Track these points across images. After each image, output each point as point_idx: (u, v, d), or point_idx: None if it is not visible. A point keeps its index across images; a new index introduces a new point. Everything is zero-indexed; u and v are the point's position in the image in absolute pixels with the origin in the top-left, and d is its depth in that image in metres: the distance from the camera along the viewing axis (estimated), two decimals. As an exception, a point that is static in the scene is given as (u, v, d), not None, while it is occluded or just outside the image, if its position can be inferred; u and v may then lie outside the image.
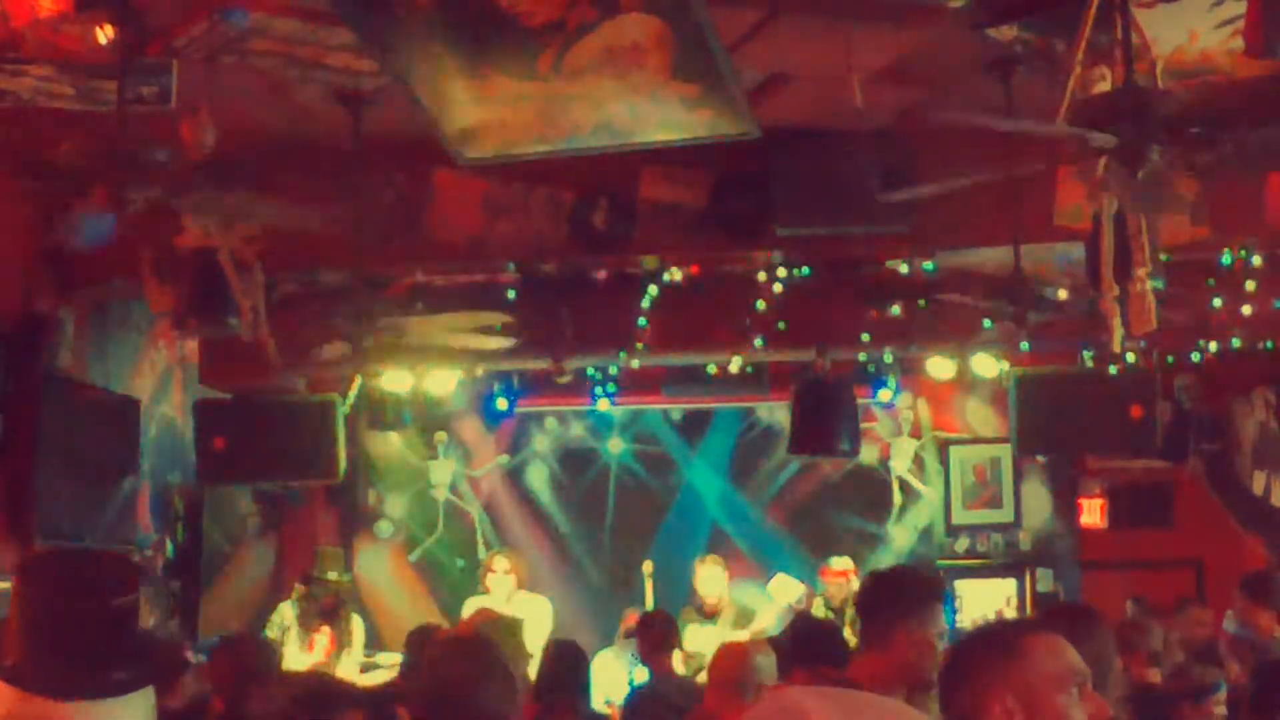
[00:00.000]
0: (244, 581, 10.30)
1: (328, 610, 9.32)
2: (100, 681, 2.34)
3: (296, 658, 8.90)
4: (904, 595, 3.95)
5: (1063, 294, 6.75)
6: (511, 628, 5.54)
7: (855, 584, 9.80)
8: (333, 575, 9.57)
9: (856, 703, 1.70)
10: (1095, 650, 3.36)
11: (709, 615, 9.40)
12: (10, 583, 2.43)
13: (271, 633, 9.07)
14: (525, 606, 9.27)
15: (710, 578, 9.54)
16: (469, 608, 9.39)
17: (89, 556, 2.88)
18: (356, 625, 9.58)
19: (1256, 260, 7.69)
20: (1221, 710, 5.14)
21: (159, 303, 7.25)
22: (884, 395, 10.06)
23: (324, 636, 9.22)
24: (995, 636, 2.68)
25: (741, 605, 9.69)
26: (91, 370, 7.95)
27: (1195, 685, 5.23)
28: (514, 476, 11.81)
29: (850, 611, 8.95)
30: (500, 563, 9.51)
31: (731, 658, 5.40)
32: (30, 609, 2.37)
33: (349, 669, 9.31)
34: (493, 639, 4.20)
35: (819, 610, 9.68)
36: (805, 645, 5.53)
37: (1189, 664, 5.88)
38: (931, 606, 3.94)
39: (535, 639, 8.23)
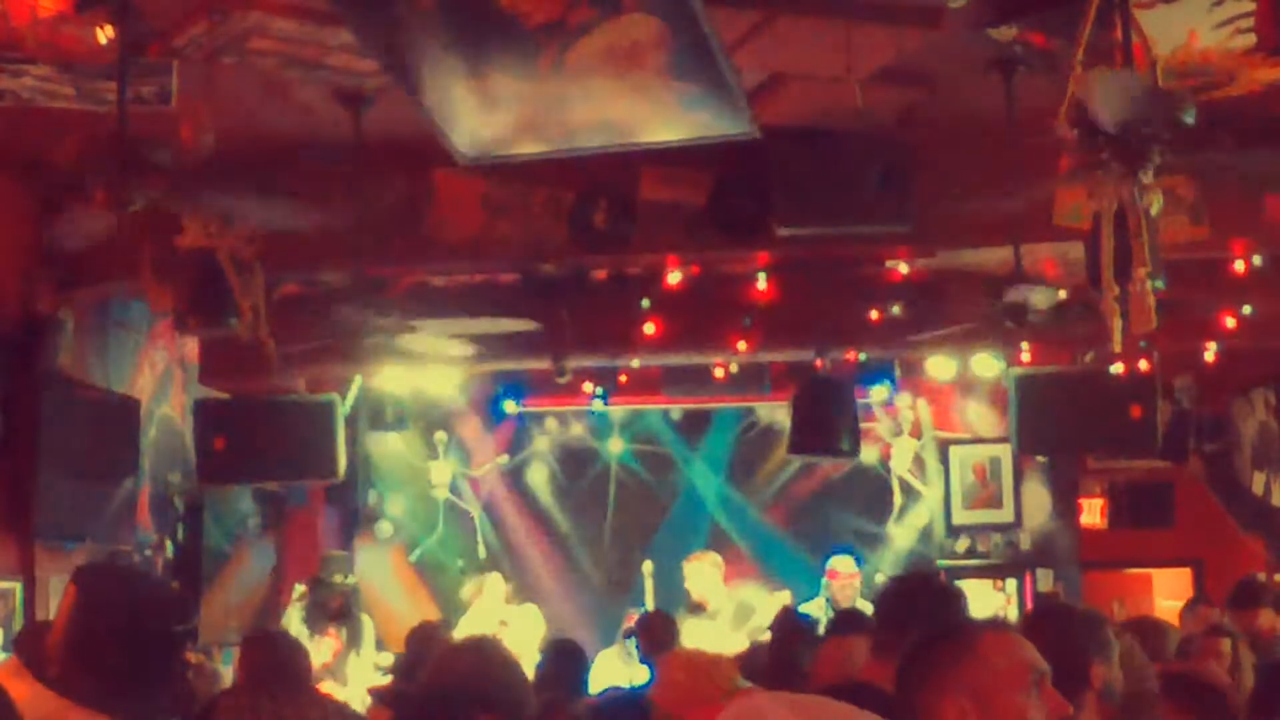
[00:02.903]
0: (244, 581, 10.29)
1: (336, 612, 9.33)
2: (149, 705, 2.31)
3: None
4: (934, 606, 3.91)
5: (1062, 294, 6.75)
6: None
7: (858, 585, 9.82)
8: (338, 578, 9.58)
9: (817, 708, 1.70)
10: (1072, 648, 3.35)
11: (704, 612, 9.41)
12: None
13: None
14: (514, 615, 9.31)
15: (699, 574, 9.55)
16: (463, 627, 9.42)
17: (147, 578, 2.86)
18: (367, 626, 9.60)
19: (1256, 260, 7.70)
20: None
21: (159, 303, 7.25)
22: (878, 393, 10.07)
23: (331, 639, 9.23)
24: (949, 637, 2.64)
25: (740, 602, 9.69)
26: (91, 370, 7.95)
27: None
28: (514, 476, 11.81)
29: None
30: (493, 587, 9.62)
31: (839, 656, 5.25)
32: (89, 622, 2.32)
33: (362, 670, 9.32)
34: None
35: (819, 611, 9.68)
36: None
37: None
38: (957, 619, 3.92)
39: (528, 646, 8.27)
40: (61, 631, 2.33)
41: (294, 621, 9.39)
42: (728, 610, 9.47)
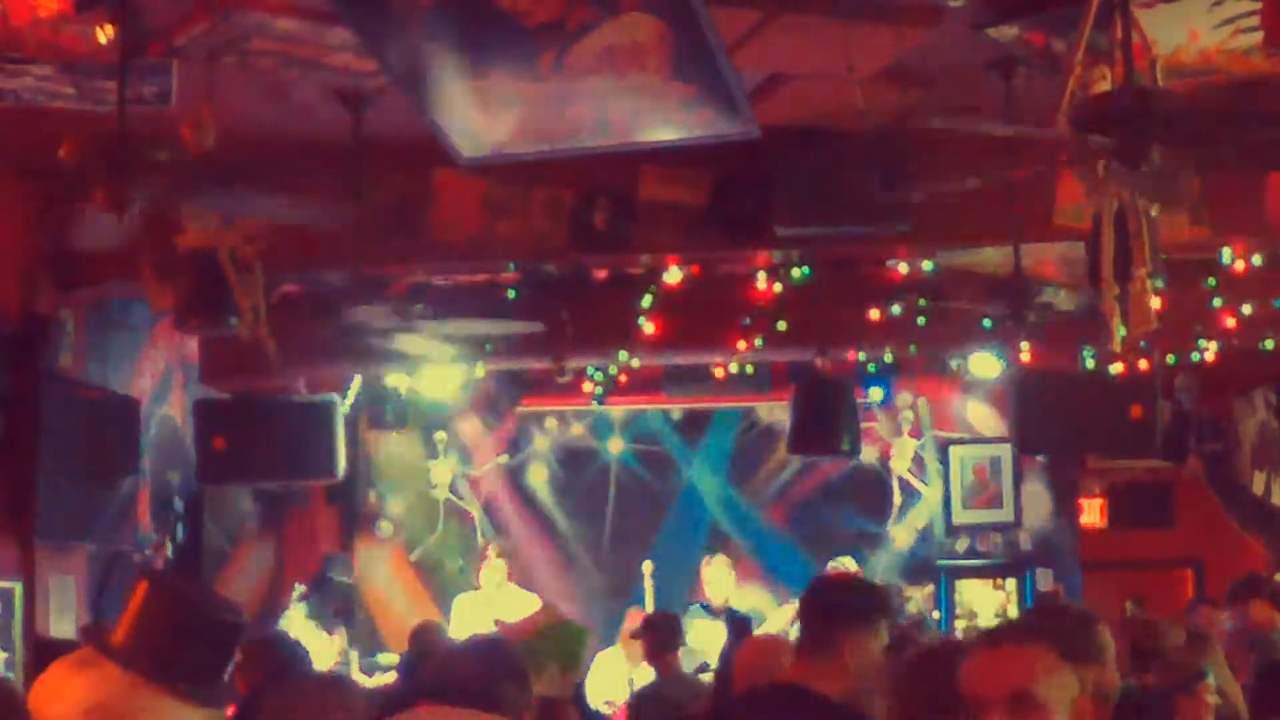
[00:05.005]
0: (244, 581, 10.29)
1: (341, 613, 9.34)
2: (210, 686, 2.49)
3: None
4: (861, 607, 3.93)
5: (1063, 294, 6.75)
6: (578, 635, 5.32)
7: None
8: (340, 579, 9.59)
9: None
10: (1063, 649, 3.35)
11: (715, 614, 9.41)
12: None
13: None
14: (514, 600, 9.30)
15: (717, 577, 9.55)
16: (460, 604, 9.45)
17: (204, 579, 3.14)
18: (365, 626, 9.63)
19: (1256, 260, 7.70)
20: (1214, 699, 5.14)
21: (159, 303, 7.25)
22: (875, 394, 10.09)
23: (336, 639, 9.24)
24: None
25: (751, 606, 9.70)
26: (91, 370, 7.95)
27: (1185, 675, 5.21)
28: (514, 476, 11.81)
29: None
30: (493, 549, 9.62)
31: (759, 654, 5.31)
32: (160, 610, 2.51)
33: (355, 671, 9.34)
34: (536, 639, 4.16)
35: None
36: None
37: (1176, 655, 5.85)
38: (882, 620, 3.95)
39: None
40: (133, 619, 2.52)
41: (295, 623, 9.40)
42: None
